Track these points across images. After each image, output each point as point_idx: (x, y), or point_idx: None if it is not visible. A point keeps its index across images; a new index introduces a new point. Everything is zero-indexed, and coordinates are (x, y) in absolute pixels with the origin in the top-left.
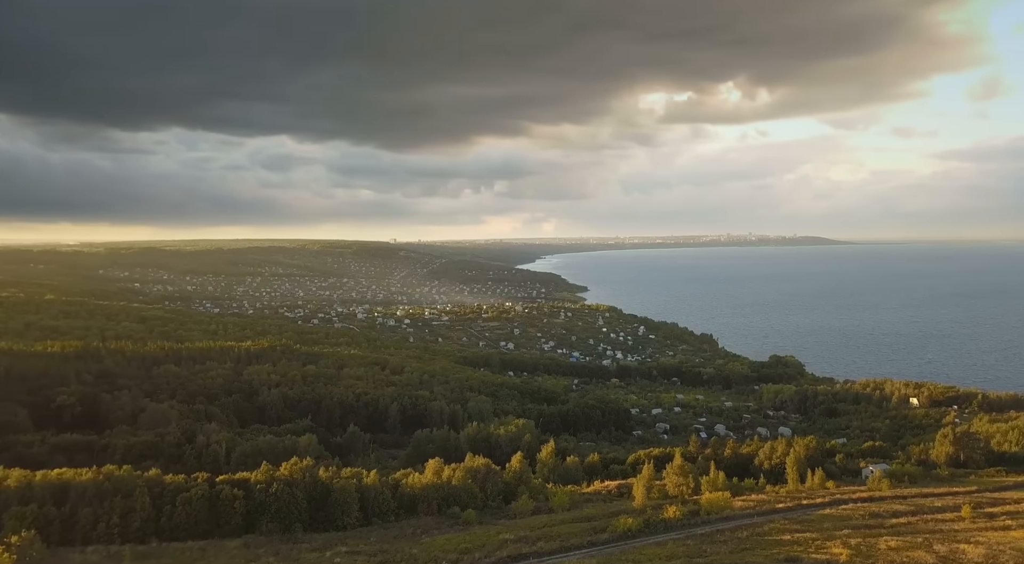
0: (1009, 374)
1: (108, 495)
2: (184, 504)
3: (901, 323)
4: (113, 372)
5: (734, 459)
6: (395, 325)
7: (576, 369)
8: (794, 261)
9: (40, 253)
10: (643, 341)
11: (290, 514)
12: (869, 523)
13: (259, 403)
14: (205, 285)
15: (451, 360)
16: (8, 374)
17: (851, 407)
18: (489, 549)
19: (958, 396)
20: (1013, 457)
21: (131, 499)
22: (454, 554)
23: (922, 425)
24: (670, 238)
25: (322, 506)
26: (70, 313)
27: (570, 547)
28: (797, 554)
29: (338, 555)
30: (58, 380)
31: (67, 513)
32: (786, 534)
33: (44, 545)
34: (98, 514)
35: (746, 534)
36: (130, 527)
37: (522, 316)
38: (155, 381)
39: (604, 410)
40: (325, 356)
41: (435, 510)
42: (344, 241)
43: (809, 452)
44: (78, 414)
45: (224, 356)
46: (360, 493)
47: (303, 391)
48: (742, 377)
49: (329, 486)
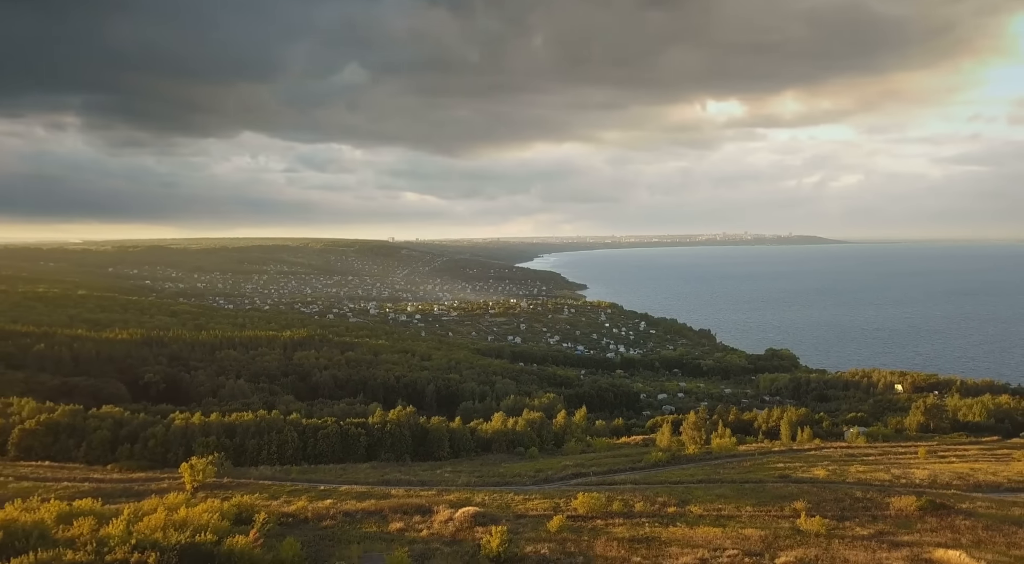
0: (991, 364)
1: (264, 432)
2: (323, 438)
3: (895, 319)
4: (182, 355)
5: (737, 423)
6: (406, 320)
7: (582, 361)
8: (791, 260)
9: (49, 251)
10: (644, 336)
11: (400, 447)
12: (844, 458)
13: (312, 383)
14: (214, 282)
15: (468, 351)
16: (99, 356)
17: (841, 393)
18: (556, 470)
19: (939, 382)
20: (975, 425)
21: (283, 434)
22: (531, 472)
23: (904, 407)
24: (666, 237)
25: (422, 443)
26: (105, 307)
27: (617, 469)
28: (789, 473)
29: (445, 471)
30: (139, 361)
31: (237, 444)
32: (780, 463)
33: (229, 464)
34: (260, 445)
35: (749, 464)
36: (285, 454)
37: (528, 312)
38: (220, 363)
39: (616, 393)
40: (359, 345)
41: (505, 449)
42: (346, 239)
43: (800, 418)
44: (163, 390)
45: (272, 344)
46: (449, 434)
47: (349, 373)
48: (739, 368)
49: (427, 428)
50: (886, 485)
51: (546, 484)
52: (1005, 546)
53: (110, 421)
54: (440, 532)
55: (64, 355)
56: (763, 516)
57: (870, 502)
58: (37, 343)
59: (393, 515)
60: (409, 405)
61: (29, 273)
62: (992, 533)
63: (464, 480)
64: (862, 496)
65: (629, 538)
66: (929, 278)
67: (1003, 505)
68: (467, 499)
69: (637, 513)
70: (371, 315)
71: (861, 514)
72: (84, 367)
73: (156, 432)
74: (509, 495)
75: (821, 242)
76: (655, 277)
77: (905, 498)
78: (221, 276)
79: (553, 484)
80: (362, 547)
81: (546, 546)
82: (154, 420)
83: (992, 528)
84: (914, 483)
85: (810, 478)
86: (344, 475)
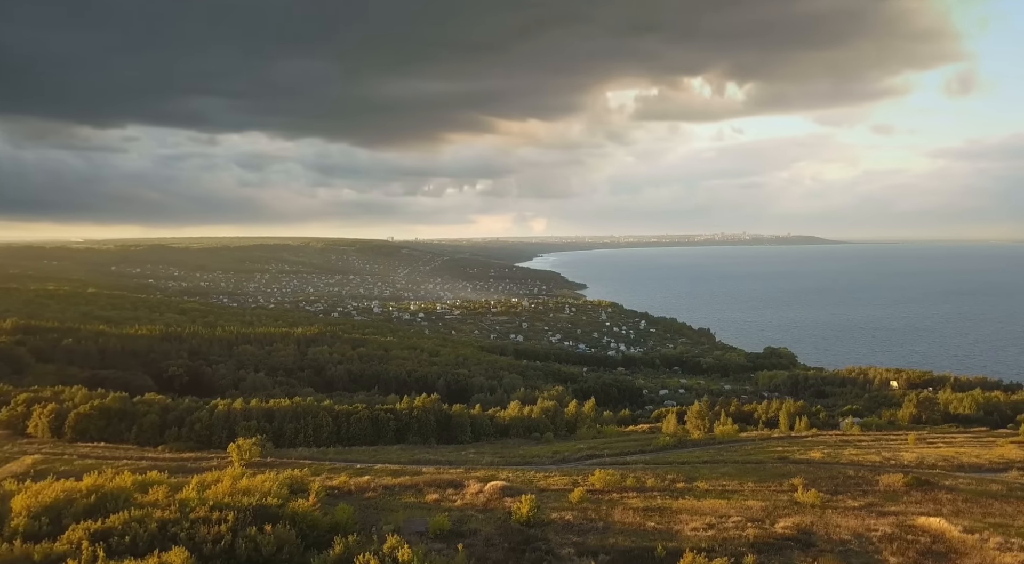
0: (986, 363)
1: (301, 416)
2: (355, 422)
3: (893, 318)
4: (201, 350)
5: (738, 414)
6: (410, 319)
7: (584, 358)
8: (789, 260)
9: (52, 250)
10: (644, 334)
11: (426, 431)
12: (838, 443)
13: (327, 377)
14: (217, 281)
15: (474, 348)
16: (123, 350)
17: (837, 389)
18: (571, 452)
19: (933, 379)
20: (965, 417)
21: (318, 418)
22: (548, 454)
23: (898, 402)
24: (664, 237)
25: (446, 427)
26: (116, 305)
27: (627, 452)
28: (787, 455)
29: (469, 452)
30: (162, 356)
31: (276, 427)
32: (779, 447)
33: (271, 446)
34: (297, 428)
35: (751, 447)
36: (320, 437)
37: (529, 311)
38: (238, 358)
39: (619, 388)
40: (369, 341)
41: (521, 434)
42: (346, 239)
43: (797, 409)
44: (186, 382)
45: (286, 340)
46: (470, 420)
47: (362, 368)
48: (739, 366)
49: (449, 414)
50: (877, 465)
51: (563, 464)
52: (981, 515)
53: (157, 407)
54: (472, 502)
55: (91, 349)
56: (764, 490)
57: (861, 479)
58: (64, 338)
59: (428, 488)
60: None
61: (36, 271)
62: (970, 505)
63: (488, 460)
64: (854, 474)
65: (643, 508)
66: (928, 278)
67: (983, 482)
68: (493, 476)
69: (649, 488)
70: (375, 313)
71: (853, 489)
72: (110, 361)
73: (201, 416)
74: (531, 473)
75: (820, 242)
76: (654, 277)
77: (893, 475)
78: (223, 275)
79: (570, 464)
80: (405, 514)
81: (569, 513)
82: (198, 406)
83: (971, 501)
84: (902, 464)
85: (807, 459)
86: (377, 456)
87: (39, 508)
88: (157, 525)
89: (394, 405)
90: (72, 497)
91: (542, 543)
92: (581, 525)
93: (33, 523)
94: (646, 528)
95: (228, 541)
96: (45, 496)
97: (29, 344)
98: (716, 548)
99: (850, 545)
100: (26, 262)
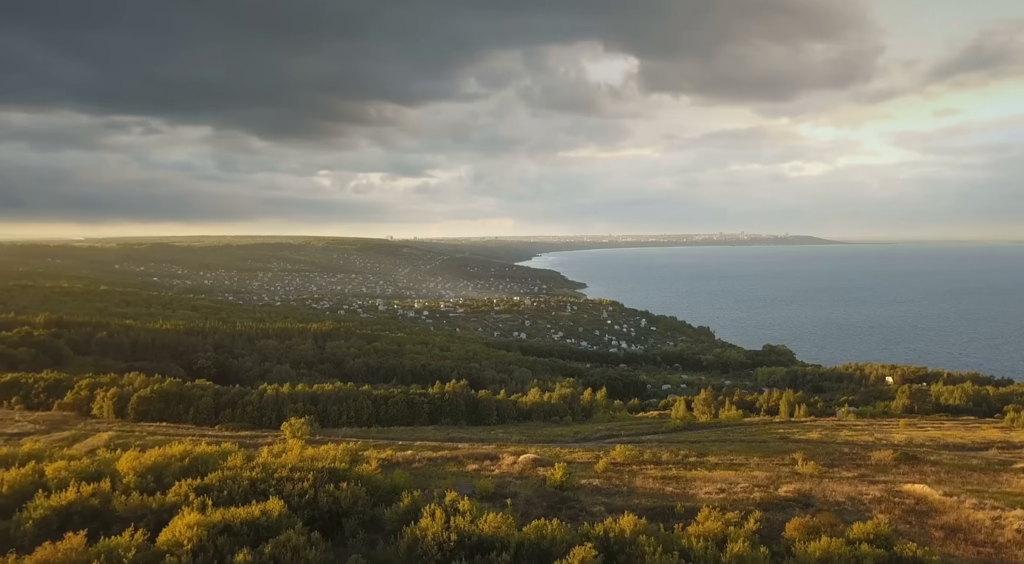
0: (981, 360)
1: (342, 400)
2: (393, 405)
3: (891, 317)
4: (225, 344)
5: (741, 403)
6: (415, 316)
7: (587, 355)
8: (788, 260)
9: (56, 248)
10: (645, 333)
11: (457, 413)
12: (835, 427)
13: (346, 370)
14: (221, 279)
15: (480, 345)
16: (154, 343)
17: (835, 384)
18: (591, 432)
19: (927, 375)
20: (955, 408)
21: (358, 401)
22: (570, 434)
23: (893, 396)
24: (663, 236)
25: (474, 410)
26: (129, 302)
27: (642, 432)
28: (788, 435)
29: (497, 432)
30: (189, 349)
31: (320, 409)
32: (780, 429)
33: (317, 425)
34: (340, 410)
35: (754, 430)
36: (361, 418)
37: (531, 309)
38: (261, 351)
39: (624, 382)
40: (383, 336)
41: (542, 418)
42: (347, 238)
43: (797, 399)
44: (214, 374)
45: (303, 335)
46: (496, 404)
47: (379, 361)
48: (738, 363)
49: (477, 399)
50: (869, 444)
51: (585, 442)
52: (960, 483)
53: (211, 391)
54: (509, 471)
55: (123, 342)
56: (768, 463)
57: (855, 455)
58: (98, 332)
59: (467, 460)
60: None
61: (43, 269)
62: (951, 475)
63: (516, 438)
64: (848, 451)
65: (661, 477)
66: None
67: (964, 458)
68: (523, 450)
69: (665, 461)
70: (380, 311)
71: (847, 463)
72: (141, 353)
73: (252, 399)
74: (556, 449)
75: (818, 242)
76: (654, 277)
77: (884, 451)
78: (226, 273)
79: (591, 442)
80: (452, 480)
81: (596, 480)
82: (247, 390)
83: (952, 472)
84: (893, 443)
85: (806, 439)
86: (414, 434)
87: (143, 468)
88: (248, 482)
89: (426, 390)
90: (168, 461)
91: (575, 503)
92: (608, 489)
93: (141, 480)
94: (665, 492)
95: (311, 495)
96: (146, 458)
97: (65, 337)
98: (727, 507)
99: (844, 505)
100: (32, 260)
